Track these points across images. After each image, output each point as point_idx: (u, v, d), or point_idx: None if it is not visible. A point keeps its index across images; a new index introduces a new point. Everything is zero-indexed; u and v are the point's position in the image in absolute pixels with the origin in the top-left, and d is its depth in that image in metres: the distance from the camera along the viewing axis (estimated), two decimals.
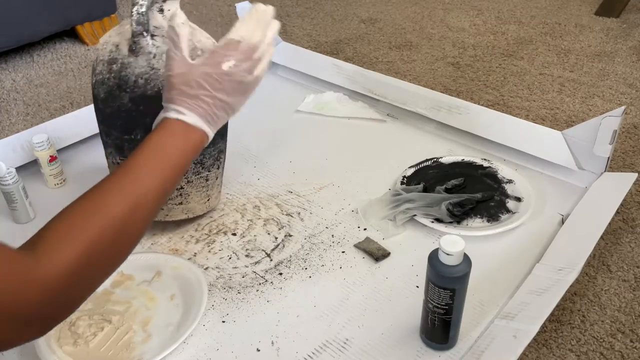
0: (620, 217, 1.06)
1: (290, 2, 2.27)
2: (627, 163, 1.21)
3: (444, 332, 0.74)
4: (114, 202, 0.57)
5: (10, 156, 1.11)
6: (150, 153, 0.63)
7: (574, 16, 2.03)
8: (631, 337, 0.83)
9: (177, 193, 0.94)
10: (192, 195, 0.95)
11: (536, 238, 0.94)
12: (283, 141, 1.23)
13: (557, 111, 1.42)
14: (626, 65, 1.65)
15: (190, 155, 0.67)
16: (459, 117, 1.20)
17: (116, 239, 0.56)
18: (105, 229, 0.55)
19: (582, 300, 0.89)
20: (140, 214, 0.59)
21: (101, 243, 0.54)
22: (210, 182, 0.97)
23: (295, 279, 0.88)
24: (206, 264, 0.92)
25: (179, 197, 0.94)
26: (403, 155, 1.15)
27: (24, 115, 1.51)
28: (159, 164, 0.62)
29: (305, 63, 1.46)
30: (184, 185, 0.94)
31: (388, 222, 0.97)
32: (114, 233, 0.56)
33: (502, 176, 1.07)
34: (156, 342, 0.77)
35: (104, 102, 0.87)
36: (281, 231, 0.98)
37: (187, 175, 0.93)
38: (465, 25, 1.99)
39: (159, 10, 0.87)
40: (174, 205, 0.95)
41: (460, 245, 0.67)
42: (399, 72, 1.66)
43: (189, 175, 0.93)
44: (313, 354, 0.76)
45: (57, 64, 1.79)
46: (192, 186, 0.94)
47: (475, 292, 0.82)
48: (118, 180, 0.59)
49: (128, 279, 0.87)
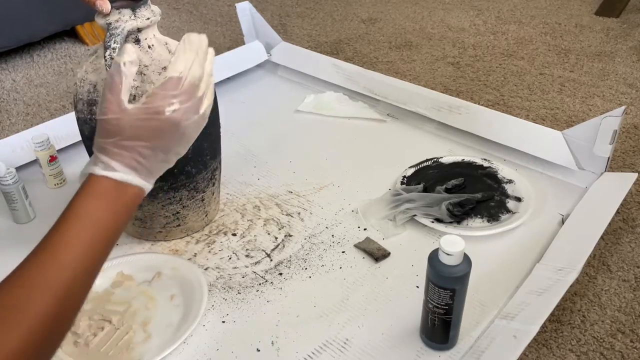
0: (620, 217, 1.06)
1: (290, 2, 2.27)
2: (627, 163, 1.21)
3: (444, 332, 0.74)
4: (39, 299, 0.49)
5: (10, 156, 1.11)
6: (76, 224, 0.54)
7: (574, 16, 2.02)
8: (631, 337, 0.83)
9: (174, 217, 0.93)
10: (189, 216, 0.95)
11: (536, 238, 0.94)
12: (283, 141, 1.23)
13: (557, 111, 1.42)
14: (626, 65, 1.65)
15: (125, 216, 0.58)
16: (459, 117, 1.20)
17: (47, 336, 0.50)
18: (34, 331, 0.48)
19: (582, 300, 0.89)
20: (71, 303, 0.52)
21: (33, 344, 0.48)
22: (206, 200, 0.96)
23: (295, 279, 0.88)
24: (206, 264, 0.91)
25: (176, 220, 0.94)
26: (403, 155, 1.15)
27: (24, 115, 1.51)
28: (87, 236, 0.54)
29: (305, 63, 1.46)
30: (180, 210, 0.92)
31: (388, 222, 0.97)
32: (45, 331, 0.49)
33: (502, 176, 1.07)
34: (156, 342, 0.77)
35: (90, 139, 0.81)
36: (281, 231, 0.98)
37: (182, 201, 0.91)
38: (465, 25, 1.99)
39: (135, 41, 0.82)
40: (172, 227, 0.95)
41: (460, 245, 0.67)
42: (399, 72, 1.66)
43: (184, 200, 0.91)
44: (313, 354, 0.76)
45: (57, 64, 1.79)
46: (188, 209, 0.94)
47: (475, 292, 0.82)
48: (41, 267, 0.51)
49: (128, 279, 0.87)
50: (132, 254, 0.91)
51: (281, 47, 1.51)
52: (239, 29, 1.63)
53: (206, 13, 2.19)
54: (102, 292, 0.85)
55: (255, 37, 1.54)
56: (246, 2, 1.51)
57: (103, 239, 0.56)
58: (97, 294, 0.85)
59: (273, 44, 1.52)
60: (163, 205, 0.90)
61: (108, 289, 0.85)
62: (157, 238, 0.96)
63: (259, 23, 1.52)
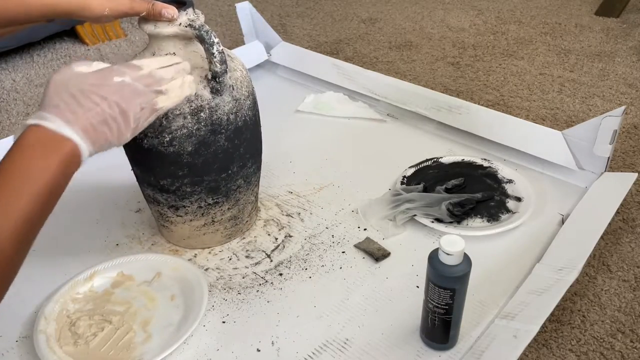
0: (620, 217, 1.06)
1: (290, 2, 2.27)
2: (627, 163, 1.21)
3: (444, 332, 0.74)
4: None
5: None
6: (7, 180, 0.52)
7: (574, 16, 2.03)
8: (631, 337, 0.83)
9: (252, 206, 0.95)
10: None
11: (536, 238, 0.94)
12: (283, 141, 1.23)
13: (557, 111, 1.42)
14: (626, 65, 1.65)
15: (61, 174, 0.54)
16: (459, 117, 1.20)
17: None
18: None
19: (582, 300, 0.89)
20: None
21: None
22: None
23: (296, 279, 0.88)
24: (206, 265, 0.92)
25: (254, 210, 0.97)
26: (403, 155, 1.15)
27: (24, 115, 1.51)
28: (18, 195, 0.51)
29: (305, 63, 1.46)
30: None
31: (388, 222, 0.97)
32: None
33: (502, 176, 1.07)
34: (156, 342, 0.77)
35: (194, 154, 0.81)
36: (281, 232, 0.98)
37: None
38: (465, 25, 1.99)
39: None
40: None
41: (460, 245, 0.67)
42: (399, 72, 1.66)
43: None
44: (313, 354, 0.76)
45: (57, 64, 1.79)
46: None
47: (475, 292, 0.82)
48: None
49: (128, 279, 0.87)
50: (132, 254, 0.91)
51: (281, 47, 1.51)
52: (239, 29, 1.63)
53: (206, 13, 2.19)
54: (102, 292, 0.85)
55: (255, 37, 1.54)
56: (246, 2, 1.51)
57: (37, 193, 0.52)
58: (97, 294, 0.85)
59: (273, 44, 1.52)
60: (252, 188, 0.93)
61: (108, 289, 0.85)
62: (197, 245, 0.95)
63: (259, 23, 1.52)
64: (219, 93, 0.80)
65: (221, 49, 0.78)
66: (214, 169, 0.84)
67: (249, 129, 0.87)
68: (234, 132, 0.83)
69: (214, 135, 0.81)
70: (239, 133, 0.84)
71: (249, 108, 0.86)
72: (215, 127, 0.81)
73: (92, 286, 0.86)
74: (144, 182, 0.89)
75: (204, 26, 0.77)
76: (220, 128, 0.82)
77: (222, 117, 0.81)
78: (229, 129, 0.82)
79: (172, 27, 0.77)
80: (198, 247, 0.94)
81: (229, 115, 0.82)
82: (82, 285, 0.85)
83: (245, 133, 0.86)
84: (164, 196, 0.87)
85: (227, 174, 0.86)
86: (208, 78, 0.79)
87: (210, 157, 0.83)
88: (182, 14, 0.78)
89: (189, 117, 0.79)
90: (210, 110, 0.80)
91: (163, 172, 0.84)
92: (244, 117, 0.85)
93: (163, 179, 0.85)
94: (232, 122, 0.82)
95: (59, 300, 0.82)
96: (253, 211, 0.98)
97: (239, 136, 0.84)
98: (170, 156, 0.81)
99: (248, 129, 0.86)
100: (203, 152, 0.82)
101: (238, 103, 0.83)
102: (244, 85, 0.85)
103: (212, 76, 0.79)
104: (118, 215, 1.03)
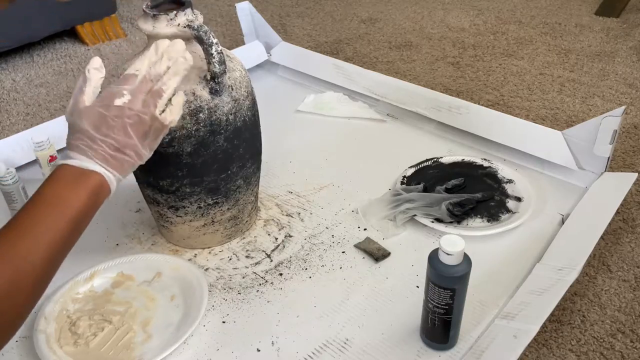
0: (620, 217, 1.06)
1: (290, 2, 2.27)
2: (627, 163, 1.21)
3: (444, 332, 0.74)
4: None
5: (10, 156, 1.11)
6: (39, 207, 0.58)
7: (574, 16, 2.02)
8: (631, 337, 0.83)
9: (252, 206, 0.96)
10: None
11: (536, 238, 0.94)
12: (283, 141, 1.23)
13: (557, 111, 1.42)
14: (626, 65, 1.65)
15: (90, 202, 0.61)
16: (459, 117, 1.20)
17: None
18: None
19: (582, 300, 0.89)
20: (24, 284, 0.54)
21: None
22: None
23: (296, 279, 0.88)
24: (206, 265, 0.92)
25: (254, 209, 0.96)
26: (403, 155, 1.15)
27: (24, 115, 1.51)
28: (52, 214, 0.58)
29: (305, 63, 1.46)
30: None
31: (388, 222, 0.97)
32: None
33: (502, 176, 1.07)
34: (156, 342, 0.77)
35: (193, 154, 0.81)
36: (281, 232, 0.98)
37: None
38: (465, 25, 1.99)
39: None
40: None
41: (460, 245, 0.67)
42: (399, 72, 1.66)
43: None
44: (313, 354, 0.76)
45: (57, 64, 1.79)
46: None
47: (475, 292, 0.82)
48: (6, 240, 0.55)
49: (128, 279, 0.87)
50: (132, 254, 0.91)
51: (281, 47, 1.51)
52: (239, 29, 1.63)
53: (206, 13, 2.19)
54: (102, 292, 0.85)
55: (255, 37, 1.54)
56: (246, 2, 1.51)
57: (67, 219, 0.59)
58: (97, 294, 0.85)
59: (273, 44, 1.52)
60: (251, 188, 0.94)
61: (108, 289, 0.85)
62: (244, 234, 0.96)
63: (259, 23, 1.52)
64: (218, 93, 0.80)
65: (220, 50, 0.77)
66: (213, 170, 0.84)
67: (248, 129, 0.87)
68: (233, 133, 0.83)
69: (213, 136, 0.81)
70: (238, 133, 0.84)
71: (248, 108, 0.86)
72: (215, 127, 0.81)
73: (92, 286, 0.86)
74: (143, 183, 0.89)
75: (202, 26, 0.77)
76: (220, 128, 0.81)
77: (221, 117, 0.81)
78: (228, 129, 0.82)
79: (171, 27, 0.77)
80: (198, 247, 0.94)
81: (228, 116, 0.82)
82: (82, 285, 0.85)
83: (244, 133, 0.86)
84: (164, 197, 0.87)
85: (227, 174, 0.86)
86: (207, 78, 0.79)
87: (210, 158, 0.83)
88: (181, 14, 0.78)
89: (188, 117, 0.79)
90: (209, 110, 0.80)
91: (162, 172, 0.84)
92: (243, 118, 0.85)
93: (162, 179, 0.85)
94: (231, 122, 0.82)
95: (59, 300, 0.82)
96: (253, 211, 0.98)
97: (238, 136, 0.84)
98: (169, 157, 0.81)
99: (247, 129, 0.86)
100: (202, 152, 0.82)
101: (237, 103, 0.83)
102: (243, 85, 0.85)
103: (211, 77, 0.79)
104: (118, 215, 1.03)
